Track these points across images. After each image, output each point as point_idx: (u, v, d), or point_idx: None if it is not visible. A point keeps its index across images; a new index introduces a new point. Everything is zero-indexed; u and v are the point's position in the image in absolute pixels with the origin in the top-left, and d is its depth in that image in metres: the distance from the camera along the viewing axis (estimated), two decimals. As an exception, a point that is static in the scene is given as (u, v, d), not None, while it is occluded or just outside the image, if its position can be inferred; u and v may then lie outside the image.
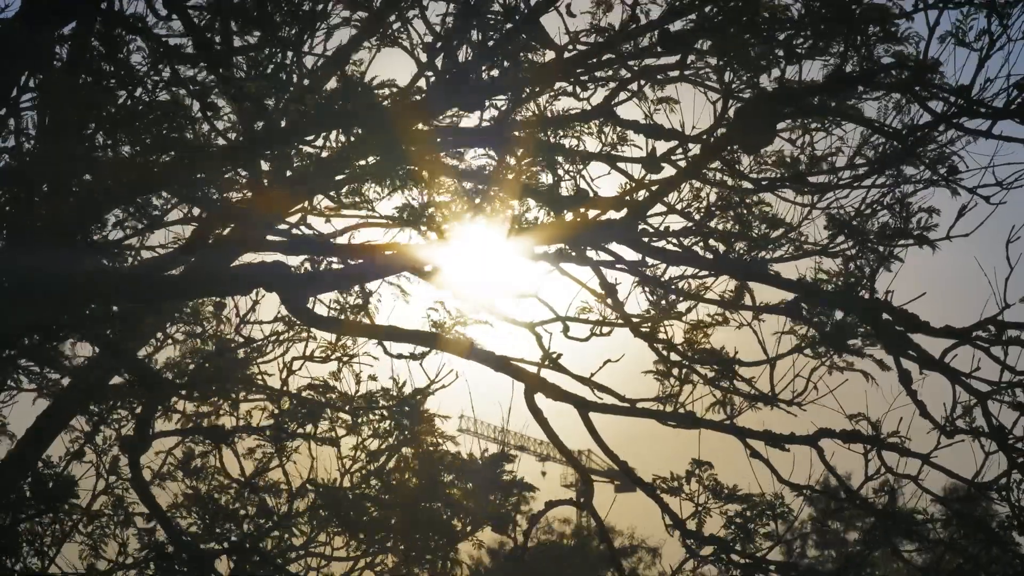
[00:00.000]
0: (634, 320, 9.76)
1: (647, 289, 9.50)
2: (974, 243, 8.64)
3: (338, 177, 8.85)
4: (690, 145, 9.32)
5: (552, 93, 9.01)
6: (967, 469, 8.82)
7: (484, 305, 9.63)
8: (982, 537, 9.06)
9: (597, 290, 9.77)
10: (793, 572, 9.75)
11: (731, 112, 8.84)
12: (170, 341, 10.89)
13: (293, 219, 9.49)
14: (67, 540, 9.95)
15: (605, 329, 9.87)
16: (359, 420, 10.94)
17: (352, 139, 7.93)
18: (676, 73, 9.09)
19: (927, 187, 8.61)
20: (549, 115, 9.09)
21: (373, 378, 11.02)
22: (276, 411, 10.90)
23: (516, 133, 8.96)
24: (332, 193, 9.14)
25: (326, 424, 10.93)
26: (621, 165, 9.39)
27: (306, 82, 8.67)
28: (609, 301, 9.75)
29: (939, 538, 9.24)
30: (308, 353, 11.17)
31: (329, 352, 11.20)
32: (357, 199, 9.01)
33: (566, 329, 9.87)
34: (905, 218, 8.56)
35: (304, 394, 10.73)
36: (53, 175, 8.06)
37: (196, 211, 9.21)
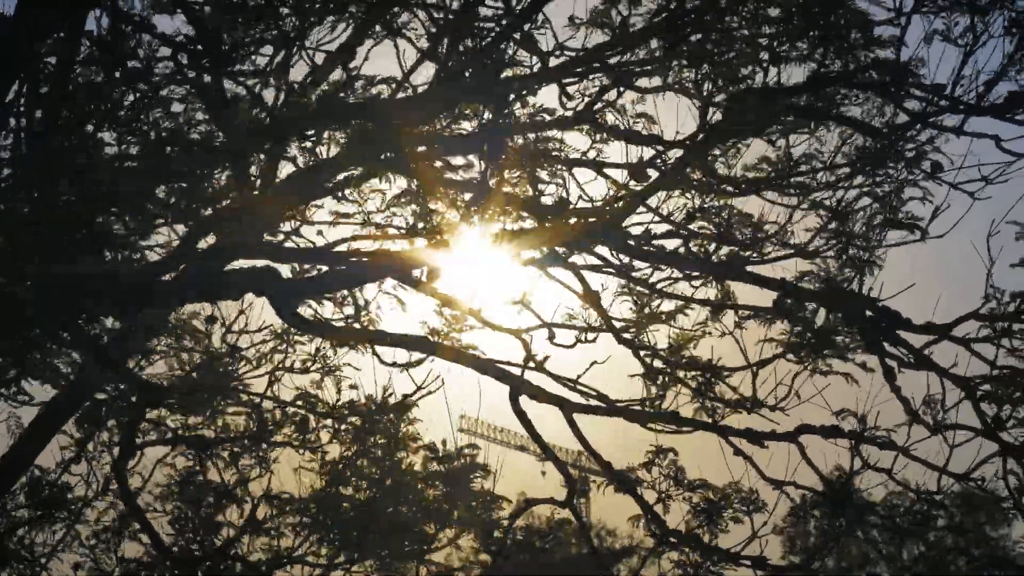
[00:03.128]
0: (617, 326, 9.92)
1: (632, 295, 9.66)
2: (958, 240, 8.89)
3: (329, 184, 8.99)
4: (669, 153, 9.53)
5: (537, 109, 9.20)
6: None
7: (473, 311, 9.76)
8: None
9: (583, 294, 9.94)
10: (768, 567, 9.88)
11: (712, 118, 9.06)
12: (158, 352, 10.93)
13: (285, 227, 9.58)
14: (59, 548, 9.96)
15: (591, 335, 10.04)
16: (340, 428, 11.03)
17: (350, 136, 8.03)
18: (659, 82, 9.32)
19: (908, 184, 8.84)
20: (535, 120, 9.26)
21: (354, 387, 11.15)
22: (258, 421, 10.97)
23: (504, 139, 9.11)
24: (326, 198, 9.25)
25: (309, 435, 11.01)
26: (605, 170, 9.57)
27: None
28: (593, 309, 9.91)
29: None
30: (290, 365, 11.27)
31: (310, 363, 11.31)
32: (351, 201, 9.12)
33: (552, 336, 10.02)
34: (895, 207, 8.76)
35: (290, 406, 10.79)
36: (48, 175, 8.14)
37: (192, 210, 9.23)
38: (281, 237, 9.39)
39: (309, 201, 9.23)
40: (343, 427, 10.84)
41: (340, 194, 8.99)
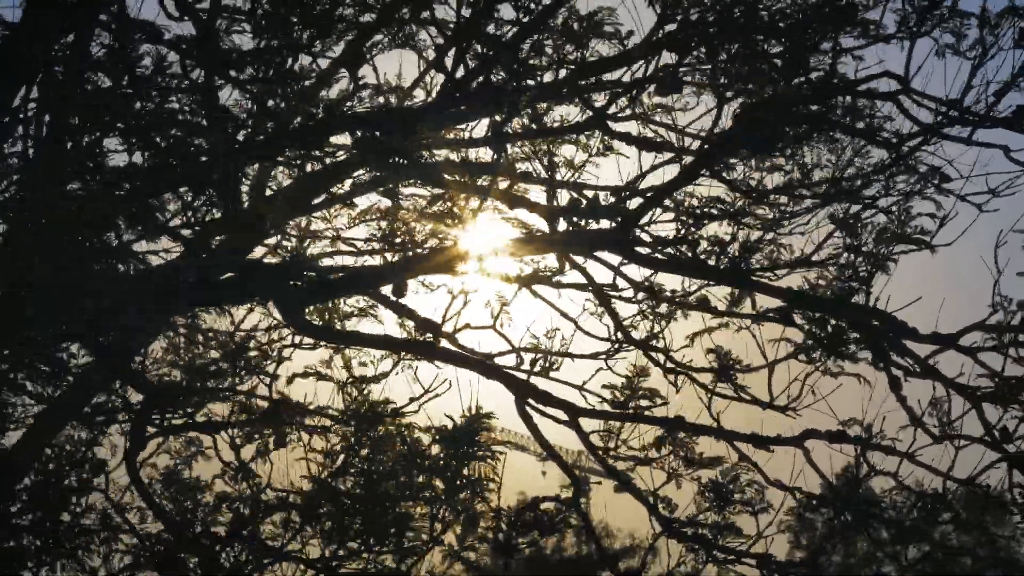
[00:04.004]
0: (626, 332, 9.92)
1: (643, 301, 9.66)
2: (966, 248, 8.89)
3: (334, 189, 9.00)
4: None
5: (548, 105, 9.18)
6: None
7: (446, 334, 9.78)
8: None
9: (569, 313, 9.96)
10: (772, 566, 9.87)
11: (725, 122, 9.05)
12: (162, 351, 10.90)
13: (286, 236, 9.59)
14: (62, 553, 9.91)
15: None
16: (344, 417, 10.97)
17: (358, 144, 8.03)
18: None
19: (915, 195, 8.82)
20: (545, 126, 9.25)
21: (364, 364, 11.08)
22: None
23: (514, 144, 9.12)
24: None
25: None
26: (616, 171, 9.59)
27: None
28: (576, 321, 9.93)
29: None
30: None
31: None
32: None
33: (520, 362, 10.02)
34: (903, 222, 8.75)
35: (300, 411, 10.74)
36: (53, 177, 8.14)
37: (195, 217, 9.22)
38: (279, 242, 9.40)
39: (311, 212, 9.24)
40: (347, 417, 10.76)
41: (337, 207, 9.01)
